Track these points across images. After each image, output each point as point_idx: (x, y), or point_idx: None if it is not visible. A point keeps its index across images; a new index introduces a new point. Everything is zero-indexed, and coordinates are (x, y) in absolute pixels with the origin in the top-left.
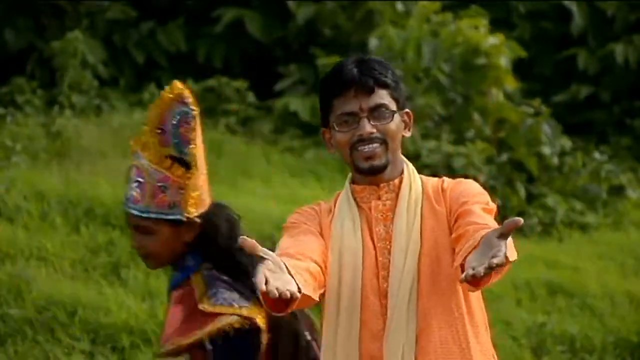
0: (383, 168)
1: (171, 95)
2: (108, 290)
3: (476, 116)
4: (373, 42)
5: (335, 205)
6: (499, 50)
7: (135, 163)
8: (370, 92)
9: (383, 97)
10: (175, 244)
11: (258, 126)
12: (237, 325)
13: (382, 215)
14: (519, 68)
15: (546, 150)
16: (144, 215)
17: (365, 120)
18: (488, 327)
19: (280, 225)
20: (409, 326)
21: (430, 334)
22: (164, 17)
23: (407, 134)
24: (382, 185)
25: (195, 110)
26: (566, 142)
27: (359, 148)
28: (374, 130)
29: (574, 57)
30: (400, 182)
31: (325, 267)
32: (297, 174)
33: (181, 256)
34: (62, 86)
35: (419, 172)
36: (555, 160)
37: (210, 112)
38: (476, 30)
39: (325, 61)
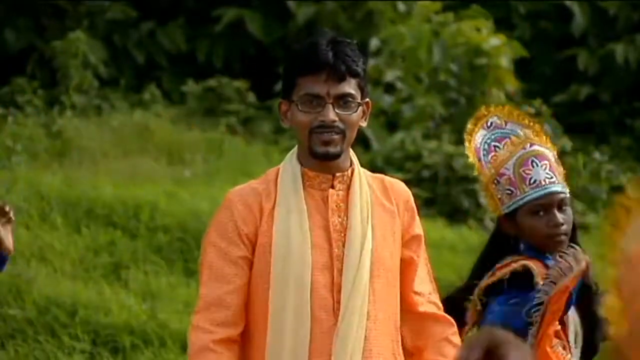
0: (337, 156)
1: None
2: (108, 291)
3: None
4: (374, 42)
5: (276, 186)
6: (500, 50)
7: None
8: (341, 79)
9: (351, 86)
10: None
11: (258, 126)
12: None
13: (336, 206)
14: (520, 68)
15: None
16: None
17: (330, 107)
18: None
19: None
20: (360, 322)
21: (378, 334)
22: (164, 17)
23: (363, 124)
24: (337, 174)
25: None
26: (566, 142)
27: (318, 132)
28: (336, 119)
29: (574, 58)
30: (352, 173)
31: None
32: None
33: None
34: (62, 86)
35: (420, 172)
36: None
37: (210, 112)
38: (477, 31)
39: None
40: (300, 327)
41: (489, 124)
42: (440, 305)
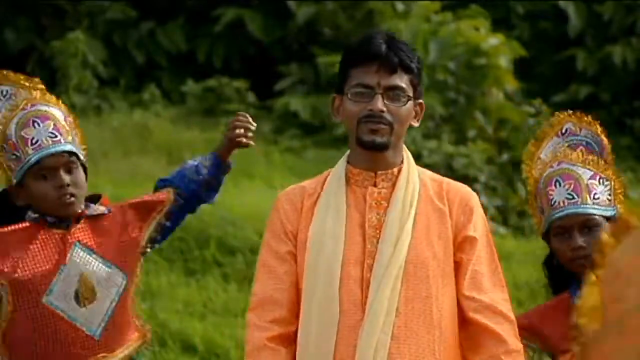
0: (384, 146)
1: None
2: None
3: (477, 116)
4: None
5: (323, 184)
6: (499, 50)
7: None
8: (392, 71)
9: (403, 80)
10: None
11: (258, 126)
12: None
13: (376, 203)
14: (519, 68)
15: None
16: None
17: (380, 97)
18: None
19: None
20: (387, 318)
21: (410, 334)
22: (164, 17)
23: (415, 124)
24: (379, 172)
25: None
26: None
27: (366, 121)
28: (385, 109)
29: (573, 58)
30: (399, 171)
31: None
32: (298, 174)
33: None
34: (62, 86)
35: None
36: None
37: (210, 112)
38: (476, 30)
39: (326, 61)
40: (328, 320)
41: (563, 130)
42: (507, 314)
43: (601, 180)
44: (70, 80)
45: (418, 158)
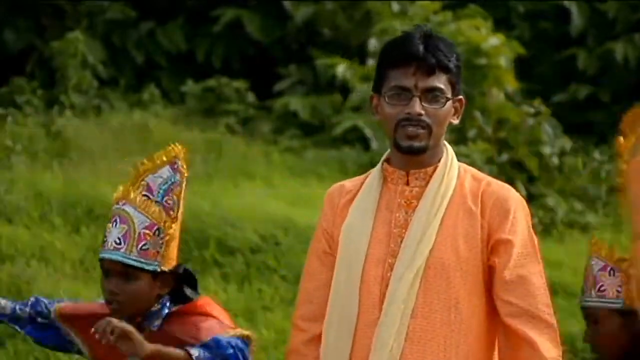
0: (422, 150)
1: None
2: None
3: (477, 116)
4: (372, 42)
5: (363, 182)
6: (500, 50)
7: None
8: (430, 72)
9: (441, 80)
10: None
11: (258, 126)
12: None
13: (405, 202)
14: (519, 68)
15: (546, 150)
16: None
17: (417, 100)
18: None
19: (282, 224)
20: (403, 319)
21: (423, 332)
22: (163, 17)
23: (455, 121)
24: (412, 171)
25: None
26: (566, 142)
27: (404, 125)
28: (423, 112)
29: (573, 57)
30: (434, 170)
31: None
32: (298, 174)
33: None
34: (61, 86)
35: None
36: (555, 160)
37: (210, 112)
38: (477, 30)
39: (325, 61)
40: (347, 318)
41: None
42: (546, 319)
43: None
44: (70, 81)
45: None
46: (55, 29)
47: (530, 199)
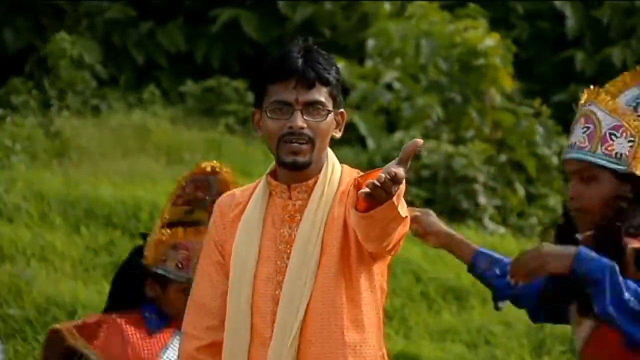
0: (305, 166)
1: None
2: (108, 291)
3: (475, 116)
4: (370, 42)
5: (252, 193)
6: (497, 51)
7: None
8: (310, 86)
9: (321, 94)
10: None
11: None
12: None
13: (289, 217)
14: (518, 68)
15: (545, 150)
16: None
17: (299, 114)
18: (379, 330)
19: None
20: (294, 336)
21: (310, 348)
22: (163, 17)
23: (337, 135)
24: (293, 185)
25: None
26: (565, 142)
27: (287, 140)
28: (305, 126)
29: (571, 58)
30: (314, 183)
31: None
32: None
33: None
34: (60, 86)
35: (419, 172)
36: (554, 160)
37: (209, 112)
38: (474, 31)
39: None
40: (241, 337)
41: None
42: None
43: (624, 134)
44: (66, 81)
45: (417, 158)
46: (55, 29)
47: (530, 199)
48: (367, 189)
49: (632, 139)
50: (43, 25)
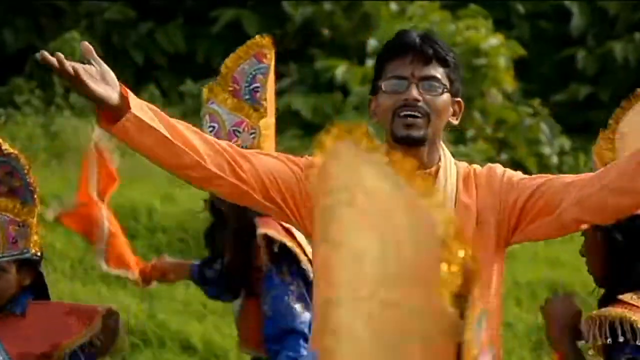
0: (420, 141)
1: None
2: (107, 291)
3: (476, 116)
4: (371, 42)
5: None
6: (499, 50)
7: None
8: (427, 62)
9: (438, 71)
10: None
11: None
12: None
13: None
14: (519, 68)
15: (546, 150)
16: None
17: (414, 87)
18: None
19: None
20: None
21: None
22: (162, 18)
23: (454, 122)
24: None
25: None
26: (566, 142)
27: (402, 114)
28: (420, 98)
29: (573, 57)
30: (437, 170)
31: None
32: None
33: None
34: (60, 86)
35: None
36: (555, 160)
37: None
38: (476, 30)
39: (324, 63)
40: None
41: None
42: None
43: (246, 128)
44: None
45: None
46: (54, 29)
47: None
48: None
49: (253, 131)
50: (43, 25)
